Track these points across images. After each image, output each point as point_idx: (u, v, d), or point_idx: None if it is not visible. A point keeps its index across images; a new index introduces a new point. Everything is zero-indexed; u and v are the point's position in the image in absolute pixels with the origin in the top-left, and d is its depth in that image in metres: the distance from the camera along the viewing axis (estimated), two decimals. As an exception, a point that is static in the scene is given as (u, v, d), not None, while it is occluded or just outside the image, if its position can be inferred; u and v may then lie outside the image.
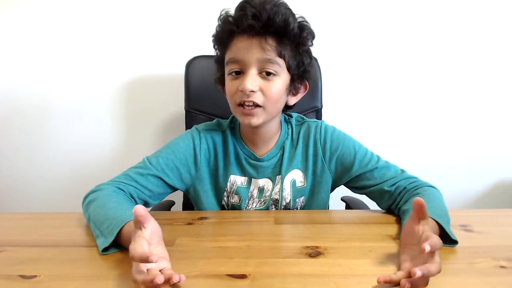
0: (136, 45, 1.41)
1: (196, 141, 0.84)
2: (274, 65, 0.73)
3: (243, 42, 0.72)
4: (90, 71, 1.43)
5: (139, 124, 1.48)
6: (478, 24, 1.40)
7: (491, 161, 1.51)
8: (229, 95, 0.77)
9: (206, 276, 0.53)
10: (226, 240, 0.65)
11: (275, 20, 0.70)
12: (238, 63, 0.74)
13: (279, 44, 0.72)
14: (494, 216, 0.79)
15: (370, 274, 0.53)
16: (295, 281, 0.51)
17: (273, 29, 0.71)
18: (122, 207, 0.68)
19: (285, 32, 0.72)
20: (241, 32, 0.72)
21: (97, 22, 1.39)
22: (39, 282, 0.52)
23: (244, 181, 0.85)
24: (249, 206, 0.85)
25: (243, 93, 0.72)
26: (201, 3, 1.37)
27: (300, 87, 0.82)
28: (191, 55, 1.19)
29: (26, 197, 1.55)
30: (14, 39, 1.41)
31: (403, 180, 0.79)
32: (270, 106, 0.75)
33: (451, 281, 0.51)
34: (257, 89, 0.73)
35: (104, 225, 0.63)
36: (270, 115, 0.78)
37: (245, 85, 0.71)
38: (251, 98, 0.73)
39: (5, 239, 0.67)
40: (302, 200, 0.86)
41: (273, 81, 0.74)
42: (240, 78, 0.74)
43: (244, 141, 0.85)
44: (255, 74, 0.73)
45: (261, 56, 0.72)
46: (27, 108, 1.46)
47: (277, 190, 0.84)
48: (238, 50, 0.73)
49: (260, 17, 0.69)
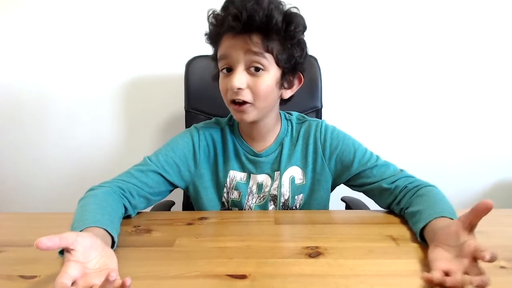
0: (136, 45, 1.41)
1: (195, 138, 0.85)
2: (261, 59, 0.73)
3: (229, 40, 0.74)
4: (90, 71, 1.43)
5: (139, 124, 1.48)
6: (478, 24, 1.40)
7: (491, 161, 1.51)
8: (222, 93, 0.79)
9: (206, 276, 0.53)
10: (226, 240, 0.65)
11: (254, 18, 0.70)
12: (227, 60, 0.75)
13: (265, 39, 0.72)
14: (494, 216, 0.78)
15: (370, 274, 0.53)
16: (295, 281, 0.51)
17: (255, 26, 0.71)
18: (98, 211, 0.65)
19: (268, 28, 0.72)
20: (227, 31, 0.73)
21: (97, 22, 1.39)
22: (39, 282, 0.52)
23: (243, 177, 0.86)
24: (249, 202, 0.86)
25: (232, 90, 0.74)
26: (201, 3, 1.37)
27: (293, 80, 0.81)
28: (191, 55, 1.19)
29: (26, 197, 1.55)
30: (14, 39, 1.41)
31: (403, 178, 0.79)
32: (259, 102, 0.76)
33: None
34: (245, 87, 0.74)
35: (72, 227, 0.61)
36: (262, 111, 0.78)
37: (233, 83, 0.73)
38: (240, 96, 0.74)
39: (5, 239, 0.67)
40: (301, 197, 0.86)
41: (261, 77, 0.74)
42: (230, 75, 0.75)
43: (243, 136, 0.86)
44: (242, 71, 0.74)
45: (247, 53, 0.73)
46: (27, 108, 1.46)
47: (276, 186, 0.85)
48: (226, 48, 0.75)
49: (240, 17, 0.70)
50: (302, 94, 0.89)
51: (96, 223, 0.60)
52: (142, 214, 0.79)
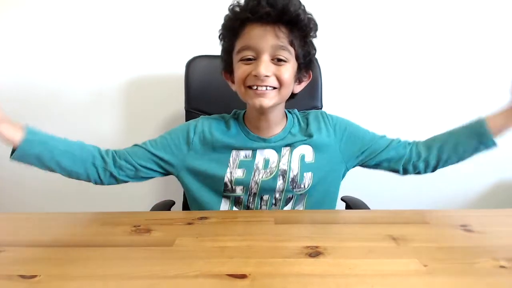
0: (136, 45, 1.41)
1: (193, 123, 0.89)
2: (285, 52, 0.76)
3: (257, 29, 0.75)
4: (90, 71, 1.43)
5: (139, 124, 1.48)
6: (478, 24, 1.40)
7: (491, 161, 1.51)
8: (239, 79, 0.79)
9: (206, 276, 0.53)
10: (226, 240, 0.65)
11: (289, 9, 0.73)
12: (252, 49, 0.76)
13: (290, 33, 0.76)
14: (494, 216, 0.79)
15: (370, 274, 0.53)
16: (295, 281, 0.51)
17: (286, 17, 0.74)
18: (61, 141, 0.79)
19: (296, 22, 0.75)
20: (255, 20, 0.75)
21: (97, 22, 1.39)
22: (39, 282, 0.52)
23: (248, 154, 0.86)
24: (255, 178, 0.85)
25: (256, 78, 0.75)
26: (201, 3, 1.37)
27: (305, 76, 0.85)
28: (191, 55, 1.19)
29: (26, 197, 1.55)
30: (14, 40, 1.41)
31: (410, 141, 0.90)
32: (283, 89, 0.79)
33: (451, 281, 0.51)
34: (271, 74, 0.76)
35: None
36: (282, 98, 0.81)
37: (260, 70, 0.74)
38: (265, 83, 0.76)
39: (5, 239, 0.67)
40: (310, 176, 0.86)
41: (285, 66, 0.77)
42: (253, 63, 0.77)
43: (249, 127, 0.87)
44: (268, 60, 0.76)
45: (274, 43, 0.75)
46: (26, 108, 1.46)
47: (286, 161, 0.85)
48: (251, 37, 0.76)
49: (276, 5, 0.73)
50: (302, 94, 0.90)
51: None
52: (142, 214, 0.79)
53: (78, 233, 0.69)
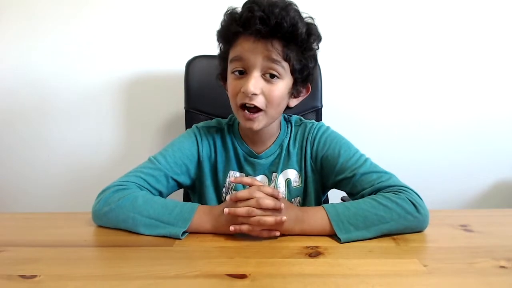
0: (136, 44, 1.41)
1: (198, 138, 0.85)
2: (278, 68, 0.72)
3: (249, 43, 0.71)
4: (89, 71, 1.43)
5: (139, 124, 1.48)
6: (478, 24, 1.40)
7: (491, 161, 1.51)
8: (231, 95, 0.77)
9: (206, 276, 0.53)
10: (226, 240, 0.65)
11: (283, 25, 0.68)
12: (242, 62, 0.73)
13: (285, 48, 0.71)
14: (494, 216, 0.79)
15: (370, 274, 0.53)
16: (295, 281, 0.51)
17: (280, 34, 0.70)
18: (169, 200, 0.71)
19: (292, 37, 0.71)
20: (247, 33, 0.71)
21: (97, 22, 1.39)
22: (39, 282, 0.52)
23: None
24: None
25: (245, 94, 0.72)
26: (201, 3, 1.37)
27: (302, 90, 0.81)
28: (191, 55, 1.19)
29: (26, 197, 1.55)
30: (13, 39, 1.41)
31: (378, 184, 0.72)
32: (271, 109, 0.75)
33: (451, 281, 0.51)
34: (259, 92, 0.72)
35: (172, 215, 0.67)
36: (271, 119, 0.78)
37: (248, 87, 0.70)
38: (253, 101, 0.72)
39: (5, 239, 0.67)
40: (298, 200, 0.86)
41: (276, 84, 0.73)
42: (243, 78, 0.73)
43: (243, 138, 0.86)
44: (258, 77, 0.72)
45: (266, 59, 0.71)
46: (26, 108, 1.46)
47: (274, 186, 0.84)
48: (243, 50, 0.72)
49: (268, 22, 0.68)
50: (302, 94, 0.89)
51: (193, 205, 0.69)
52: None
53: (78, 233, 0.69)
